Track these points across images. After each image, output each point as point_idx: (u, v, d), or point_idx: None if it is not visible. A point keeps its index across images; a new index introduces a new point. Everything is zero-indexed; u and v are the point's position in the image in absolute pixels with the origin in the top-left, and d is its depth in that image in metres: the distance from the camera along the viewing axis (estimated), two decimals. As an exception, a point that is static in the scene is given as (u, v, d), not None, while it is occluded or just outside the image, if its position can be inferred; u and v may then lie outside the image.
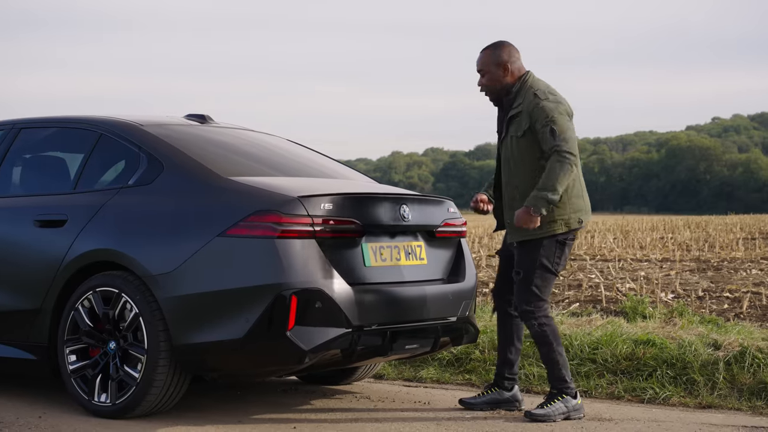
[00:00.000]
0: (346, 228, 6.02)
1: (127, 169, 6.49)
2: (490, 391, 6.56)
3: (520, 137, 6.22)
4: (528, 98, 6.21)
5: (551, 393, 6.29)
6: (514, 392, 6.55)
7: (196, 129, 6.91)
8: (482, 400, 6.53)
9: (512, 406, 6.51)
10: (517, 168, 6.26)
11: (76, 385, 6.18)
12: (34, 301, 6.38)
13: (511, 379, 6.55)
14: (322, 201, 5.92)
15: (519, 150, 6.24)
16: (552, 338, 6.24)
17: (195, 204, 6.05)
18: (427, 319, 6.39)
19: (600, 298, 11.50)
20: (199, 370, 6.04)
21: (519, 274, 6.25)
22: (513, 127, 6.27)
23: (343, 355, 5.97)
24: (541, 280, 6.22)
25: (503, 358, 6.56)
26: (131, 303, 5.98)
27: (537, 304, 6.22)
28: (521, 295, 6.25)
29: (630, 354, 7.58)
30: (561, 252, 6.27)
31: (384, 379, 7.83)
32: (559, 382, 6.26)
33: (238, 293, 5.77)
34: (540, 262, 6.20)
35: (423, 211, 6.51)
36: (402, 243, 6.38)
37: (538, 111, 6.15)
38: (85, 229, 6.25)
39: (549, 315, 6.28)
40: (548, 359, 6.28)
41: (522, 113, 6.21)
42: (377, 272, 6.18)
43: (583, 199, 6.32)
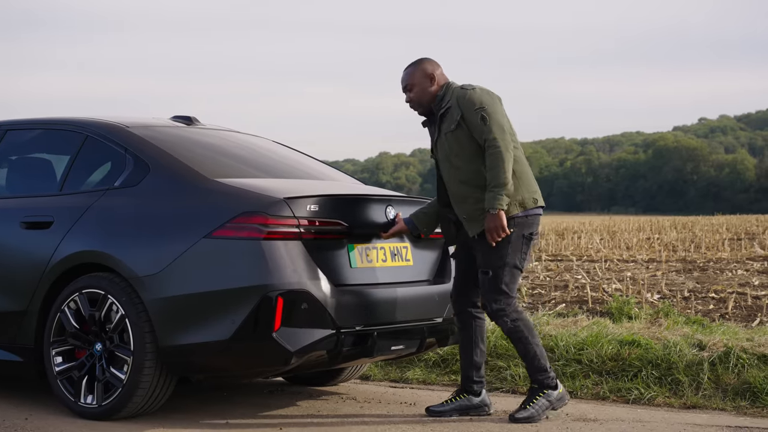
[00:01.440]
0: (332, 229, 6.04)
1: (113, 170, 6.49)
2: (458, 398, 6.47)
3: (453, 130, 6.23)
4: (455, 93, 6.26)
5: (532, 389, 6.28)
6: (482, 397, 6.47)
7: (183, 131, 6.91)
8: (451, 407, 6.42)
9: (481, 411, 6.42)
10: (459, 161, 6.25)
11: (62, 386, 6.19)
12: (21, 302, 6.38)
13: (479, 383, 6.47)
14: (308, 202, 5.94)
15: (457, 143, 6.24)
16: (527, 332, 6.23)
17: (181, 205, 6.06)
18: (412, 321, 6.41)
19: (586, 299, 11.53)
20: (185, 371, 6.05)
21: (487, 273, 6.23)
22: (445, 124, 6.28)
23: (329, 356, 5.98)
24: (509, 277, 6.22)
25: (469, 361, 6.48)
26: (117, 305, 5.98)
27: (506, 302, 6.21)
28: (490, 294, 6.22)
29: (615, 355, 7.60)
30: (527, 248, 6.27)
31: (370, 380, 7.84)
32: (540, 373, 6.24)
33: (225, 294, 5.78)
34: (508, 260, 6.20)
35: (408, 212, 6.53)
36: (388, 244, 6.40)
37: (467, 100, 6.19)
38: (72, 231, 6.25)
39: (519, 309, 6.27)
40: (526, 353, 6.26)
41: (452, 107, 6.24)
42: (363, 273, 6.19)
43: (533, 181, 6.36)
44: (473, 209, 6.23)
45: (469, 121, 6.18)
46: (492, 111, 6.16)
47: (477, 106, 6.16)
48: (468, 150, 6.21)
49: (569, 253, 19.91)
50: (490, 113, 6.14)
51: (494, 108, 6.19)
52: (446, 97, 6.31)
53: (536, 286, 13.42)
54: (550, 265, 17.10)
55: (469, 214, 6.26)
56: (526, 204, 6.22)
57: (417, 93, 6.38)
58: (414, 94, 6.39)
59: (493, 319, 6.29)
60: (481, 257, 6.26)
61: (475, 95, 6.20)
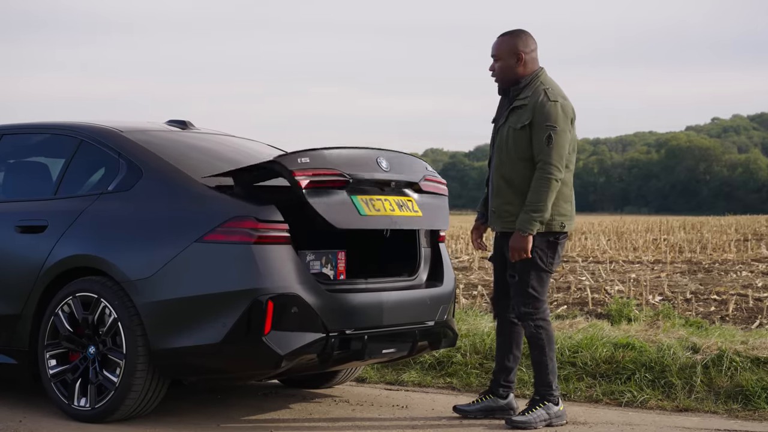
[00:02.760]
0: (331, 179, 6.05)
1: (107, 175, 6.54)
2: (485, 399, 6.52)
3: (518, 129, 6.18)
4: (537, 94, 6.16)
5: (533, 399, 6.29)
6: (509, 400, 6.50)
7: (177, 135, 6.96)
8: (476, 408, 6.48)
9: (507, 413, 6.41)
10: (509, 158, 6.23)
11: (56, 389, 6.24)
12: (15, 306, 6.44)
13: (506, 387, 6.50)
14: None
15: (514, 141, 6.20)
16: (546, 342, 6.22)
17: (173, 210, 6.11)
18: (404, 324, 6.45)
19: (587, 301, 11.55)
20: (177, 374, 6.10)
21: (514, 277, 6.24)
22: (514, 117, 6.22)
23: (320, 359, 6.02)
24: (536, 280, 6.20)
25: (501, 365, 6.52)
26: (110, 308, 6.03)
27: (535, 306, 6.20)
28: (518, 297, 6.23)
29: (609, 357, 7.63)
30: (553, 251, 6.24)
31: (366, 383, 7.88)
32: (545, 387, 6.25)
33: (216, 298, 5.83)
34: (533, 263, 6.18)
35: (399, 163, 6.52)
36: (391, 196, 6.36)
37: (545, 111, 6.10)
38: (65, 235, 6.31)
39: (547, 318, 6.25)
40: (538, 362, 6.26)
41: (527, 107, 6.16)
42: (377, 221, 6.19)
43: (571, 205, 6.30)
44: (502, 207, 6.25)
45: (535, 131, 6.11)
46: (560, 133, 6.08)
47: (549, 122, 6.08)
48: (522, 153, 6.18)
49: (575, 255, 19.91)
50: (557, 136, 6.07)
51: (563, 130, 6.10)
52: (527, 91, 6.22)
53: (539, 288, 13.41)
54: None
55: (497, 210, 6.28)
56: (552, 226, 6.19)
57: (501, 68, 6.29)
58: (498, 67, 6.30)
59: (519, 321, 6.32)
60: (509, 261, 6.26)
61: (553, 110, 6.10)
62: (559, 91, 6.23)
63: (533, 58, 6.30)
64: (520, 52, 6.25)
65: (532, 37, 6.33)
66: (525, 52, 6.27)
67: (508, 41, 6.30)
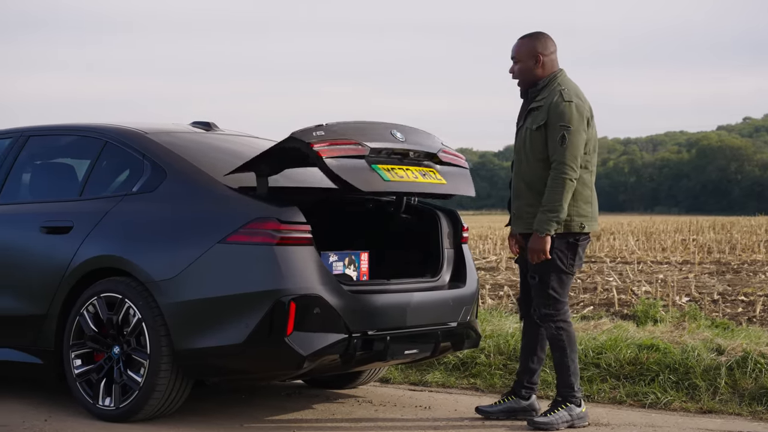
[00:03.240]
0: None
1: (131, 176, 6.59)
2: (507, 400, 6.52)
3: (534, 130, 6.19)
4: (553, 95, 6.17)
5: (556, 400, 6.29)
6: (531, 401, 6.51)
7: (201, 136, 7.00)
8: (499, 409, 6.48)
9: (529, 415, 6.41)
10: (527, 160, 6.24)
11: (81, 389, 6.29)
12: (41, 306, 6.50)
13: (529, 389, 6.51)
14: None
15: (531, 143, 6.22)
16: (567, 344, 6.22)
17: (196, 211, 6.15)
18: (427, 325, 6.46)
19: (614, 302, 11.52)
20: (200, 374, 6.14)
21: (534, 278, 6.24)
22: (530, 119, 6.24)
23: (342, 360, 6.04)
24: (557, 282, 6.20)
25: (524, 366, 6.53)
26: (134, 308, 6.08)
27: (556, 307, 6.20)
28: (538, 299, 6.24)
29: (633, 359, 7.61)
30: (573, 252, 6.23)
31: (390, 383, 7.89)
32: (567, 389, 6.25)
33: (238, 299, 5.86)
34: (554, 265, 6.18)
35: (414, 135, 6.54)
36: (414, 167, 6.36)
37: (559, 111, 6.10)
38: (90, 236, 6.36)
39: (568, 320, 6.24)
40: (560, 364, 6.26)
41: (542, 108, 6.18)
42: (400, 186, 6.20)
43: (591, 206, 6.27)
44: (523, 209, 6.26)
45: (550, 131, 6.12)
46: (573, 133, 6.08)
47: (563, 122, 6.09)
48: (540, 153, 6.19)
49: (603, 255, 19.86)
50: (571, 135, 6.08)
51: (577, 130, 6.09)
52: (543, 93, 6.24)
53: (565, 289, 13.40)
54: (583, 267, 17.05)
55: (518, 211, 6.29)
56: (571, 227, 6.18)
57: (520, 69, 6.32)
58: (517, 68, 6.33)
59: (540, 322, 6.31)
60: (530, 262, 6.26)
61: (567, 110, 6.10)
62: (575, 91, 6.23)
63: (552, 60, 6.31)
64: (539, 54, 6.27)
65: (552, 39, 6.35)
66: (544, 54, 6.28)
67: (527, 43, 6.32)
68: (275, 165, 6.17)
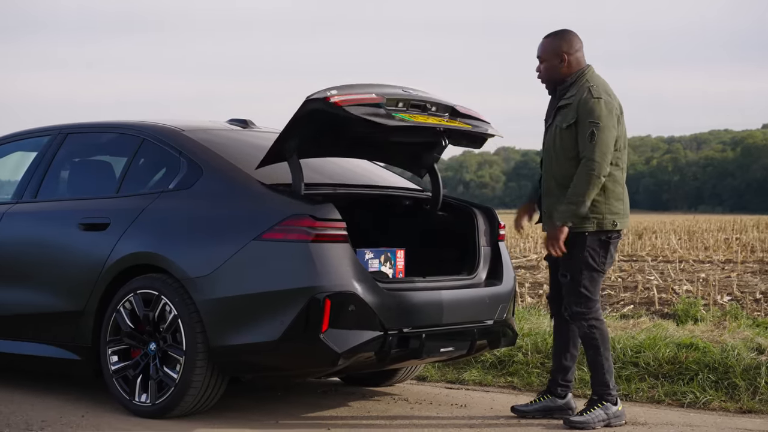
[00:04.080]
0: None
1: (168, 173, 6.61)
2: (543, 398, 6.49)
3: (564, 129, 6.16)
4: (582, 92, 6.13)
5: (591, 399, 6.24)
6: (567, 400, 6.47)
7: (237, 134, 7.01)
8: (535, 408, 6.46)
9: (565, 414, 6.38)
10: (558, 158, 6.21)
11: (117, 385, 6.32)
12: (78, 302, 6.53)
13: (564, 386, 6.47)
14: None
15: (561, 141, 6.18)
16: (600, 342, 6.18)
17: (232, 208, 6.15)
18: (463, 323, 6.44)
19: (654, 300, 11.44)
20: (236, 371, 6.14)
21: (566, 276, 6.21)
22: (560, 117, 6.20)
23: (377, 357, 6.03)
24: (588, 280, 6.16)
25: (558, 364, 6.50)
26: (170, 305, 6.09)
27: (588, 305, 6.16)
28: (570, 297, 6.20)
29: (672, 358, 7.55)
30: (605, 250, 6.19)
31: (426, 381, 7.87)
32: (602, 387, 6.20)
33: (274, 296, 5.86)
34: (585, 263, 6.14)
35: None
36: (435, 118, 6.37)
37: (588, 108, 6.07)
38: (127, 233, 6.38)
39: (600, 318, 6.21)
40: (594, 362, 6.22)
41: (571, 105, 6.14)
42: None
43: (623, 203, 6.24)
44: (554, 207, 6.21)
45: (580, 128, 6.09)
46: (603, 129, 6.05)
47: (592, 119, 6.05)
48: (569, 152, 6.16)
49: (645, 254, 19.73)
50: (600, 132, 6.04)
51: (607, 126, 6.06)
52: (572, 90, 6.21)
53: (606, 287, 13.34)
54: (624, 266, 16.96)
55: (549, 210, 6.26)
56: (604, 225, 6.15)
57: (546, 69, 6.30)
58: (543, 68, 6.31)
59: (572, 321, 6.29)
60: (561, 260, 6.23)
61: (596, 107, 6.06)
62: (604, 87, 6.19)
63: (578, 57, 6.27)
64: (564, 53, 6.23)
65: (578, 37, 6.31)
66: (569, 52, 6.24)
67: (552, 42, 6.29)
68: (298, 138, 6.11)
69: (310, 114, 5.94)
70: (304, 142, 6.16)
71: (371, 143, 6.65)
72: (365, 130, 6.16)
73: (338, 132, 6.27)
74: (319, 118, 5.96)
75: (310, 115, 5.95)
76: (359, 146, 6.67)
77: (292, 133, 6.05)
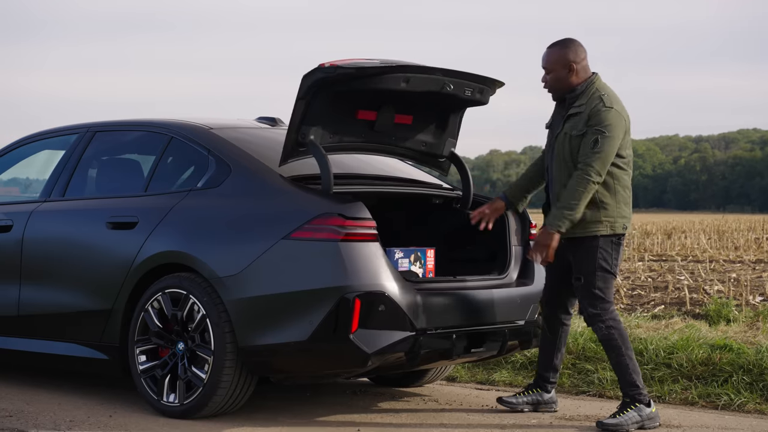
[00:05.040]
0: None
1: (196, 171, 6.56)
2: (531, 392, 6.55)
3: (575, 136, 6.12)
4: (593, 101, 6.11)
5: (624, 402, 6.16)
6: (552, 394, 6.59)
7: (266, 132, 6.96)
8: (524, 400, 6.52)
9: (550, 407, 6.55)
10: (566, 166, 6.16)
11: (145, 384, 6.27)
12: (106, 301, 6.49)
13: (553, 383, 6.58)
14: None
15: (571, 149, 6.14)
16: (620, 342, 6.13)
17: (261, 207, 6.10)
18: (493, 323, 6.37)
19: (685, 301, 11.33)
20: (264, 371, 6.08)
21: (580, 280, 6.18)
22: (570, 124, 6.16)
23: (408, 358, 5.96)
24: (602, 282, 6.14)
25: (548, 363, 6.53)
26: (199, 305, 6.04)
27: (603, 307, 6.13)
28: (586, 300, 6.17)
29: (706, 359, 7.44)
30: (617, 252, 6.20)
31: (456, 382, 7.79)
32: (631, 388, 6.13)
33: (303, 296, 5.80)
34: (599, 265, 6.12)
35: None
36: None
37: (599, 116, 6.05)
38: (155, 231, 6.33)
39: (616, 318, 6.17)
40: (618, 364, 6.16)
41: (583, 114, 6.11)
42: None
43: (629, 207, 6.28)
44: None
45: (588, 134, 6.07)
46: (608, 139, 6.03)
47: (599, 127, 6.03)
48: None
49: (674, 254, 19.59)
50: (604, 141, 6.02)
51: (613, 136, 6.03)
52: (582, 99, 6.17)
53: (636, 287, 13.24)
54: (654, 266, 16.85)
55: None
56: (615, 228, 6.14)
57: (553, 79, 6.25)
58: (550, 78, 6.26)
59: (589, 324, 6.24)
60: (574, 263, 6.20)
61: (607, 117, 6.04)
62: (615, 98, 6.18)
63: (585, 66, 6.24)
64: (571, 62, 6.20)
65: (582, 45, 6.28)
66: (576, 62, 6.20)
67: (558, 52, 6.23)
68: (306, 119, 6.09)
69: (308, 91, 5.95)
70: (315, 124, 6.12)
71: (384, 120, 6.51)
72: (371, 88, 6.08)
73: (345, 105, 6.23)
74: (316, 92, 5.98)
75: (308, 92, 5.96)
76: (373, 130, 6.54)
77: (299, 116, 6.04)
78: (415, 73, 6.14)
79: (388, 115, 6.47)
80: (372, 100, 6.32)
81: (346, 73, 5.89)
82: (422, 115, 6.66)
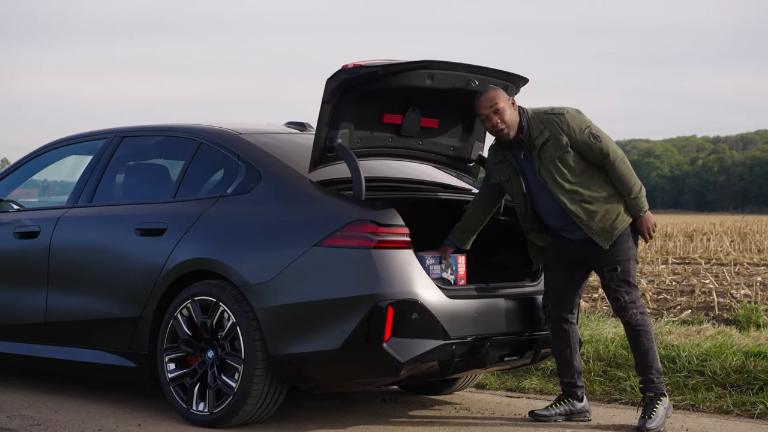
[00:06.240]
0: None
1: (225, 177, 6.49)
2: (563, 402, 6.45)
3: (565, 153, 6.12)
4: (548, 120, 6.16)
5: (650, 397, 6.17)
6: (584, 402, 6.48)
7: (295, 137, 6.88)
8: (556, 412, 6.41)
9: (584, 416, 6.43)
10: (577, 182, 6.14)
11: (174, 393, 6.21)
12: (135, 309, 6.43)
13: (582, 387, 6.48)
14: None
15: (567, 167, 6.13)
16: (650, 325, 6.23)
17: (292, 213, 6.02)
18: (527, 331, 6.30)
19: (713, 305, 11.22)
20: (295, 380, 6.02)
21: (616, 269, 6.18)
22: (549, 152, 6.13)
23: (441, 366, 5.89)
24: (633, 268, 6.26)
25: (569, 366, 6.44)
26: (229, 312, 5.97)
27: (635, 293, 6.24)
28: (622, 288, 6.19)
29: (740, 367, 7.34)
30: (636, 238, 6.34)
31: (486, 389, 7.71)
32: (657, 374, 6.18)
33: (334, 304, 5.73)
34: (632, 253, 6.24)
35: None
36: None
37: (572, 125, 6.12)
38: (185, 238, 6.27)
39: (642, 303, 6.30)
40: (649, 350, 6.18)
41: (552, 135, 6.12)
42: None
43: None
44: (606, 222, 6.14)
45: (580, 142, 6.12)
46: (596, 127, 6.19)
47: (583, 126, 6.14)
48: (579, 170, 6.16)
49: (697, 256, 19.47)
50: (594, 129, 6.18)
51: (592, 123, 6.22)
52: (535, 127, 6.18)
53: (661, 291, 13.14)
54: (677, 269, 16.73)
55: (602, 228, 6.16)
56: (632, 210, 6.26)
57: (509, 117, 6.19)
58: (507, 116, 6.18)
59: (623, 312, 6.21)
60: (604, 256, 6.19)
61: (576, 118, 6.18)
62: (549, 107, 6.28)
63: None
64: (510, 99, 6.25)
65: None
66: (512, 98, 6.28)
67: (497, 92, 6.20)
68: (333, 123, 6.03)
69: (332, 93, 5.91)
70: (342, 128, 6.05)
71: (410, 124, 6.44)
72: (396, 86, 6.02)
73: (371, 107, 6.18)
74: (341, 95, 5.93)
75: (333, 95, 5.92)
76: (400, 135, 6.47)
77: (326, 118, 5.99)
78: (440, 69, 6.07)
79: (415, 119, 6.40)
80: (397, 102, 6.26)
81: (370, 73, 5.84)
82: (448, 119, 6.60)
